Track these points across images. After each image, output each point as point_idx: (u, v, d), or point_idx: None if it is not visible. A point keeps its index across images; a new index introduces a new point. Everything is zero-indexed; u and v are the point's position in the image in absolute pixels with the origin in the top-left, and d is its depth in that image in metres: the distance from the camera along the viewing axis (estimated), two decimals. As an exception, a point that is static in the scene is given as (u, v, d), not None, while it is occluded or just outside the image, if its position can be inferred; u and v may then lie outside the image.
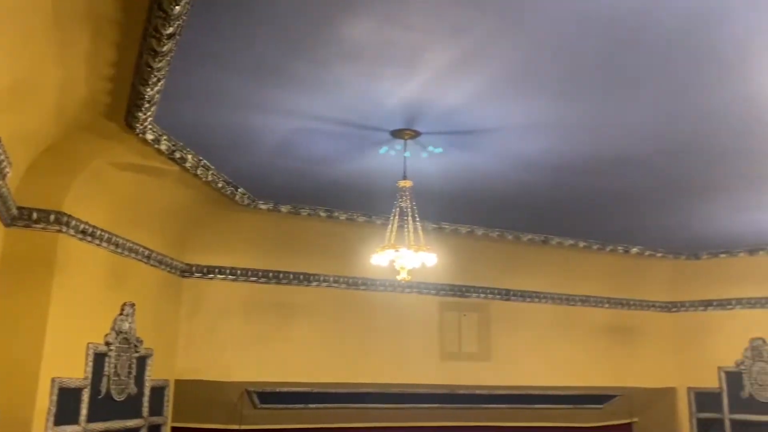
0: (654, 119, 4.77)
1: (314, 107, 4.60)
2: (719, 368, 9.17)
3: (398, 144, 5.09)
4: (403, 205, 5.19)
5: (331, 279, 7.64)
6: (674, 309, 9.52)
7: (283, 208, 7.05)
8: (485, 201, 6.86)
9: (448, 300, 8.24)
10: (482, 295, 8.42)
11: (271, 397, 7.32)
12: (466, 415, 8.35)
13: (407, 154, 5.11)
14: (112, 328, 5.66)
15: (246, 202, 6.71)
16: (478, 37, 3.63)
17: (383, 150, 5.19)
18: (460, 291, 8.30)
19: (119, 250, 5.76)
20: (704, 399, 9.20)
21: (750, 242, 8.50)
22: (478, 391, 8.22)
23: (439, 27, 3.55)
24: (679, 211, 7.22)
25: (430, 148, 5.19)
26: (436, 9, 3.37)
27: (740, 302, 9.15)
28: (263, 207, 6.93)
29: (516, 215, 7.48)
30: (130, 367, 5.87)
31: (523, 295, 8.62)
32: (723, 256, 8.96)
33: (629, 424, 9.46)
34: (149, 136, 4.90)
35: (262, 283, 7.32)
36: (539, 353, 8.51)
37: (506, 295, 8.54)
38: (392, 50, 3.78)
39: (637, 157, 5.55)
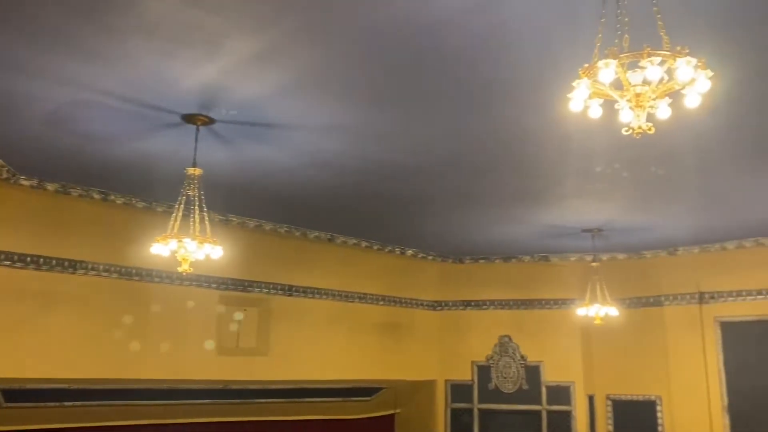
0: (438, 133, 5.16)
1: (97, 79, 4.22)
2: (473, 362, 10.21)
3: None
4: (190, 193, 4.98)
5: (101, 267, 7.05)
6: (439, 308, 10.38)
7: (50, 186, 6.43)
8: (276, 196, 6.86)
9: (229, 294, 8.07)
10: (264, 290, 8.39)
11: (19, 394, 6.60)
12: (240, 410, 8.28)
13: None
14: None
15: (5, 176, 6.03)
16: (285, 32, 3.62)
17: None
18: (242, 285, 8.17)
19: None
20: (459, 390, 10.17)
21: (505, 251, 9.66)
22: (252, 386, 8.19)
23: (245, 15, 3.47)
24: (449, 219, 7.92)
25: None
26: (244, -4, 3.30)
27: (493, 303, 10.30)
28: (25, 183, 6.28)
29: (305, 212, 7.59)
30: None
31: (305, 291, 8.76)
32: (482, 261, 10.10)
33: (392, 415, 10.11)
34: None
35: (17, 268, 6.50)
36: (316, 348, 8.72)
37: (289, 290, 8.61)
38: (193, 31, 3.62)
39: (418, 167, 5.96)
